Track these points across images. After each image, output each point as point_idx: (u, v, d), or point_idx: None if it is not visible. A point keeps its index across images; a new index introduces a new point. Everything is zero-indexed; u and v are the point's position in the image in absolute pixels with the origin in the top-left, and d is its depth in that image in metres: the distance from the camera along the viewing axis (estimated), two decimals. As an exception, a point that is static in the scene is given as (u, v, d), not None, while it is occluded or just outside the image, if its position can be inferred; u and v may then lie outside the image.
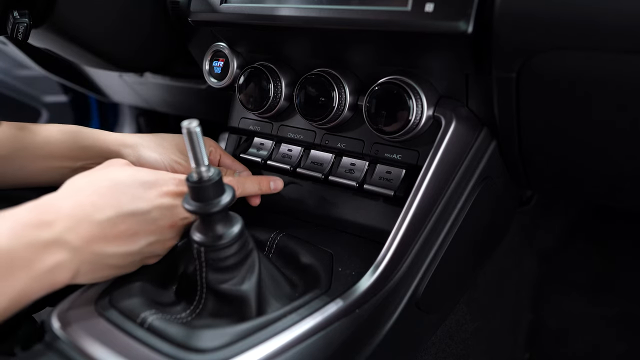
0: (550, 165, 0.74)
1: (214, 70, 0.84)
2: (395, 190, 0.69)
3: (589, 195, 0.88)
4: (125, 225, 0.54)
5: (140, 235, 0.56)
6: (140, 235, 0.56)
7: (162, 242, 0.60)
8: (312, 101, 0.73)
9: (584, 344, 1.12)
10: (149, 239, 0.57)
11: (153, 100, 1.39)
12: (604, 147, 0.65)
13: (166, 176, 0.60)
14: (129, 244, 0.55)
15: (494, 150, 0.71)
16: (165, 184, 0.59)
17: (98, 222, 0.52)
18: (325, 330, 0.56)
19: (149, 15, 0.89)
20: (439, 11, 0.56)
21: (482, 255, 0.94)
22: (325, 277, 0.65)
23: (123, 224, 0.54)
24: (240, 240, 0.58)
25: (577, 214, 1.26)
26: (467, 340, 0.95)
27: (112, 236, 0.54)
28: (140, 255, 0.58)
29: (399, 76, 0.67)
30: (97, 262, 0.54)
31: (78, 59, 1.03)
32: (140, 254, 0.58)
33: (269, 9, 0.69)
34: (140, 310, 0.56)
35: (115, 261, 0.55)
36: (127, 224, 0.54)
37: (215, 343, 0.52)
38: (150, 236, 0.57)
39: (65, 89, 1.86)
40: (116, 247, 0.54)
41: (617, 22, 0.49)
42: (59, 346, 0.53)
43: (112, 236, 0.53)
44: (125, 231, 0.54)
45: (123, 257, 0.56)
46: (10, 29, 0.75)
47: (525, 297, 1.18)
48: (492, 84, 0.62)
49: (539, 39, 0.54)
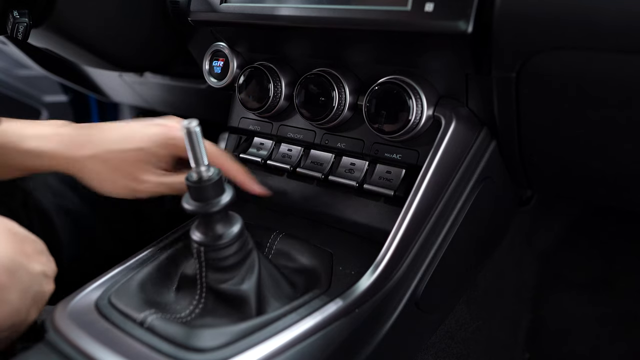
0: (550, 165, 0.74)
1: (214, 70, 0.84)
2: (395, 190, 0.69)
3: (588, 195, 0.87)
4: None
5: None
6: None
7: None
8: (312, 101, 0.73)
9: (584, 344, 1.12)
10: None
11: (153, 100, 1.39)
12: (604, 147, 0.65)
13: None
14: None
15: (493, 150, 0.71)
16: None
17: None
18: (325, 330, 0.56)
19: (149, 15, 0.89)
20: (439, 11, 0.56)
21: (482, 255, 0.94)
22: (325, 276, 0.65)
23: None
24: (240, 240, 0.58)
25: (577, 214, 1.26)
26: (467, 340, 0.95)
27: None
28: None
29: (399, 76, 0.67)
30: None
31: (78, 59, 1.03)
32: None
33: (268, 9, 0.69)
34: (140, 310, 0.56)
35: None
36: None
37: (215, 342, 0.52)
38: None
39: (65, 89, 1.86)
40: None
41: (617, 22, 0.49)
42: (58, 345, 0.53)
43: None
44: None
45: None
46: (10, 29, 0.75)
47: (525, 297, 1.17)
48: (492, 83, 0.62)
49: (538, 39, 0.54)
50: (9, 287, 0.50)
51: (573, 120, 0.62)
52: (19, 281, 0.51)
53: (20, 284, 0.51)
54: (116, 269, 0.65)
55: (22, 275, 0.51)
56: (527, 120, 0.64)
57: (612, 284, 1.16)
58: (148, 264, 0.65)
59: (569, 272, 1.21)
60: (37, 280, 0.53)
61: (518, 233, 1.14)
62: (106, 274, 0.64)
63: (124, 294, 0.59)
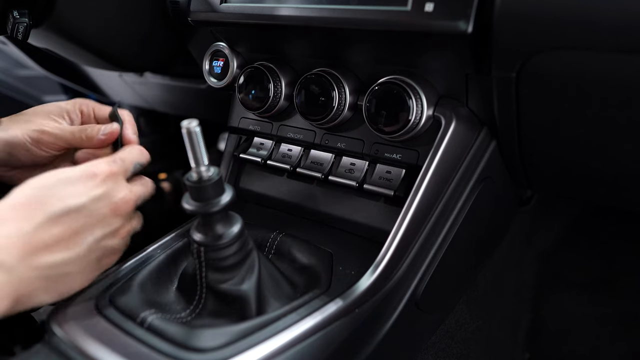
0: (550, 165, 0.74)
1: (214, 70, 0.84)
2: (395, 190, 0.69)
3: (588, 195, 0.88)
4: (60, 227, 0.49)
5: (81, 234, 0.51)
6: (82, 234, 0.51)
7: (112, 233, 0.55)
8: (312, 101, 0.73)
9: (584, 344, 1.12)
10: (95, 234, 0.53)
11: (153, 100, 1.39)
12: (604, 147, 0.65)
13: (89, 166, 0.55)
14: (73, 247, 0.51)
15: (493, 150, 0.71)
16: (90, 174, 0.54)
17: (27, 232, 0.47)
18: (325, 330, 0.56)
19: (149, 15, 0.89)
20: (439, 11, 0.56)
21: (482, 255, 0.94)
22: (325, 276, 0.65)
23: (57, 226, 0.49)
24: (240, 240, 0.58)
25: (577, 214, 1.26)
26: (467, 340, 0.95)
27: (51, 243, 0.49)
28: (93, 255, 0.53)
29: (399, 76, 0.67)
30: (47, 277, 0.49)
31: (78, 59, 1.03)
32: (91, 254, 0.53)
33: (268, 9, 0.69)
34: (140, 310, 0.56)
35: (66, 269, 0.51)
36: (62, 225, 0.50)
37: (215, 342, 0.52)
38: (95, 230, 0.52)
39: (65, 89, 1.85)
40: (59, 253, 0.50)
41: (617, 22, 0.49)
42: (58, 346, 0.53)
43: (50, 243, 0.49)
44: (63, 233, 0.50)
45: (73, 263, 0.51)
46: (10, 29, 0.75)
47: (525, 297, 1.17)
48: (492, 83, 0.62)
49: (538, 39, 0.54)
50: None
51: (573, 120, 0.62)
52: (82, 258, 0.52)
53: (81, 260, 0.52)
54: (116, 269, 0.65)
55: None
56: (527, 120, 0.65)
57: (612, 284, 1.16)
58: (148, 264, 0.65)
59: (569, 272, 1.21)
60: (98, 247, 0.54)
61: (518, 233, 1.14)
62: (106, 274, 0.64)
63: (124, 294, 0.59)
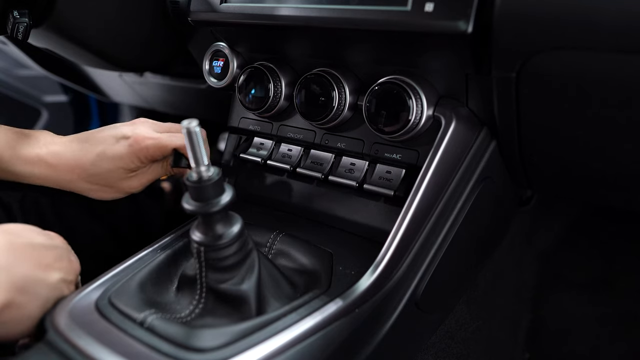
0: (550, 165, 0.74)
1: (214, 70, 0.84)
2: (395, 190, 0.69)
3: (588, 196, 0.88)
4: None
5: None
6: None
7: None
8: (312, 101, 0.73)
9: (584, 344, 1.12)
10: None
11: (153, 100, 1.39)
12: (604, 147, 0.65)
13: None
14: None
15: (493, 150, 0.71)
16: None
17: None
18: (324, 330, 0.56)
19: (149, 15, 0.89)
20: (439, 11, 0.56)
21: (482, 255, 0.94)
22: (325, 276, 0.65)
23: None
24: (240, 240, 0.58)
25: (577, 214, 1.26)
26: (467, 340, 0.95)
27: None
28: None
29: (399, 76, 0.67)
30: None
31: (78, 59, 1.03)
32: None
33: (268, 9, 0.69)
34: (140, 310, 0.56)
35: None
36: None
37: (215, 342, 0.52)
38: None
39: (65, 89, 1.86)
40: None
41: (617, 22, 0.49)
42: (59, 346, 0.53)
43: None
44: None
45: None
46: (10, 29, 0.75)
47: (525, 297, 1.17)
48: (492, 83, 0.62)
49: (538, 39, 0.54)
50: (26, 304, 0.53)
51: (573, 120, 0.62)
52: (37, 296, 0.54)
53: (38, 298, 0.54)
54: (116, 269, 0.65)
55: (39, 289, 0.54)
56: (527, 120, 0.64)
57: (612, 284, 1.16)
58: (148, 264, 0.65)
59: (569, 272, 1.21)
60: (56, 288, 0.56)
61: (518, 233, 1.14)
62: (106, 274, 0.64)
63: (124, 294, 0.59)
